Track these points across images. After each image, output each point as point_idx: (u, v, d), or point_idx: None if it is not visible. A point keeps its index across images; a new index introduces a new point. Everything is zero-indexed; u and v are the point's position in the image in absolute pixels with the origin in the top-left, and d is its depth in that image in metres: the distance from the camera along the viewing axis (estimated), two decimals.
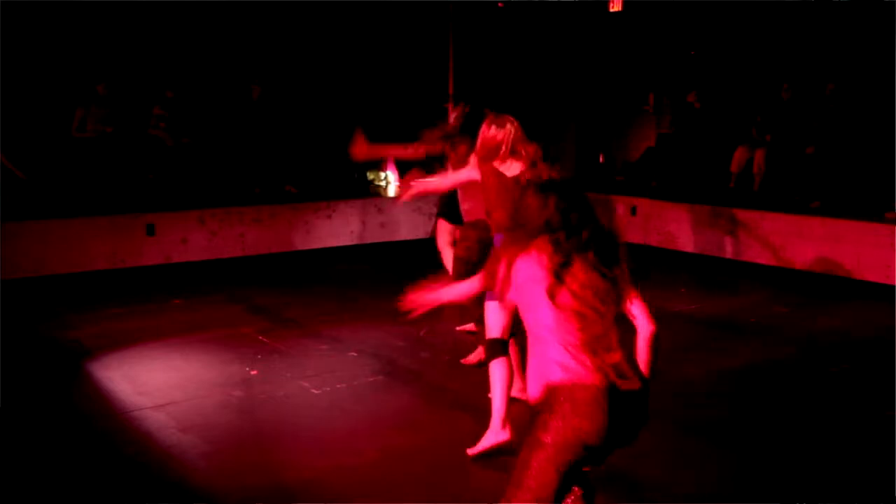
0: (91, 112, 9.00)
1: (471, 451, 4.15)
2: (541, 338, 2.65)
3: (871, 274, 7.70)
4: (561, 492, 2.58)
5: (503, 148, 4.25)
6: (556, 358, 2.59)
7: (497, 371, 4.14)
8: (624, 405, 2.57)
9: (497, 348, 4.17)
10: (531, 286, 2.66)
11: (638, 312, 2.78)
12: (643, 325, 2.80)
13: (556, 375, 2.57)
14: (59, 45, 9.18)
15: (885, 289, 7.45)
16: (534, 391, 2.65)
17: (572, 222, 2.66)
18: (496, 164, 4.27)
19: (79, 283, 7.80)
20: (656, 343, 2.80)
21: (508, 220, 3.98)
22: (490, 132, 4.28)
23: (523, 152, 4.25)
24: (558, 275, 2.61)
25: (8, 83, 8.53)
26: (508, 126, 4.28)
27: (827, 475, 4.01)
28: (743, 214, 8.82)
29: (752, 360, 5.75)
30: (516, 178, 4.18)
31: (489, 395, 4.78)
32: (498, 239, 4.26)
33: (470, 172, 4.47)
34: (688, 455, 4.23)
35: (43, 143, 8.90)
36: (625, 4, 11.31)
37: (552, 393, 2.56)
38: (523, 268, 2.68)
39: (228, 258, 8.82)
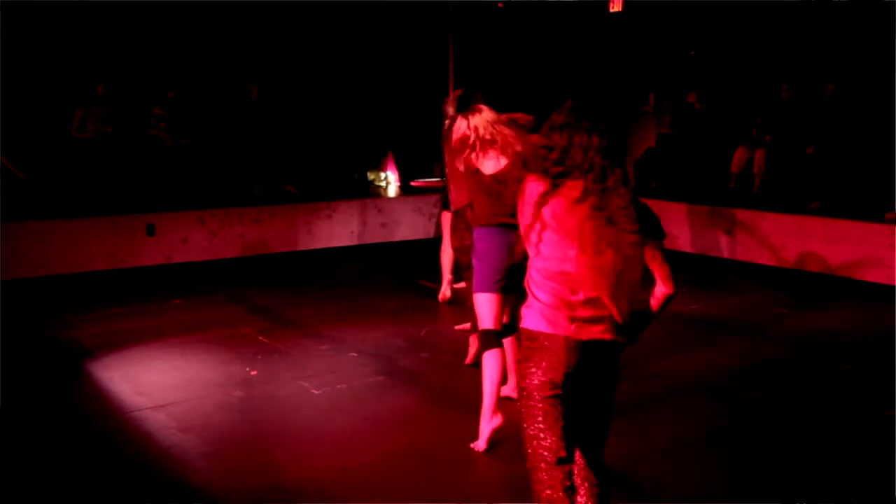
0: (91, 112, 9.00)
1: (477, 446, 4.16)
2: (539, 271, 2.69)
3: (871, 274, 7.70)
4: (566, 428, 2.66)
5: (473, 141, 4.11)
6: (536, 303, 2.69)
7: (489, 361, 4.14)
8: (594, 354, 2.66)
9: (490, 339, 4.17)
10: (554, 219, 2.63)
11: (658, 272, 2.77)
12: (659, 286, 2.80)
13: (530, 321, 2.70)
14: (59, 45, 9.18)
15: (885, 289, 7.45)
16: (521, 327, 2.78)
17: (612, 168, 2.62)
18: (473, 159, 4.16)
19: (79, 283, 7.80)
20: (665, 304, 2.81)
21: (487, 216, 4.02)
22: (458, 127, 4.21)
23: (500, 141, 4.09)
24: (587, 212, 2.60)
25: (8, 83, 8.53)
26: (477, 116, 4.13)
27: (827, 475, 4.01)
28: (743, 214, 8.82)
29: (752, 360, 5.75)
30: (494, 177, 4.12)
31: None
32: (477, 233, 4.24)
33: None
34: (687, 455, 4.23)
35: (43, 143, 8.90)
36: (625, 4, 11.31)
37: (529, 336, 2.71)
38: (551, 203, 2.64)
39: (228, 258, 8.82)
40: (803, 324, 6.71)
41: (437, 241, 7.52)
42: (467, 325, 6.21)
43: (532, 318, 2.71)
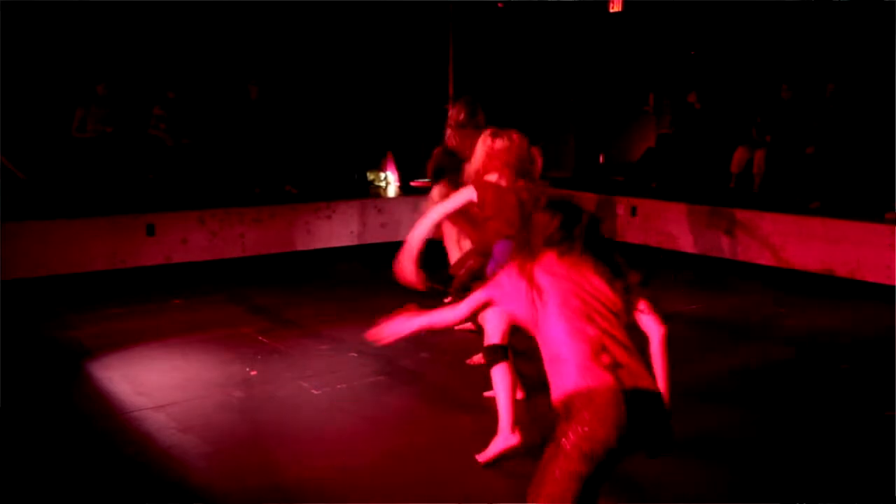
0: (91, 112, 9.00)
1: (481, 458, 4.10)
2: (555, 355, 2.65)
3: (871, 274, 7.70)
4: (583, 500, 2.55)
5: (504, 159, 4.17)
6: (570, 368, 2.59)
7: (499, 376, 4.11)
8: (642, 406, 2.55)
9: (497, 354, 4.14)
10: (540, 293, 2.68)
11: (646, 318, 2.79)
12: (653, 330, 2.80)
13: (571, 383, 2.57)
14: (59, 45, 9.18)
15: (885, 289, 7.45)
16: (554, 400, 2.65)
17: (575, 234, 2.73)
18: (491, 176, 4.19)
19: (79, 283, 7.80)
20: (668, 345, 2.80)
21: (510, 230, 4.01)
22: (495, 144, 4.20)
23: (520, 168, 4.18)
24: (567, 276, 2.68)
25: (8, 83, 8.53)
26: (515, 137, 4.21)
27: (827, 475, 4.01)
28: (743, 214, 8.82)
29: (751, 360, 5.75)
30: (514, 189, 4.14)
31: (485, 395, 4.80)
32: (497, 248, 4.18)
33: (468, 194, 4.23)
34: (687, 455, 4.22)
35: (43, 143, 8.90)
36: (625, 4, 11.31)
37: (570, 400, 2.56)
38: (530, 276, 2.72)
39: (228, 258, 8.82)
40: (803, 324, 6.71)
41: (435, 241, 7.49)
42: (468, 326, 6.21)
43: (571, 376, 2.59)
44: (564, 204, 2.86)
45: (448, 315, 2.98)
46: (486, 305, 2.92)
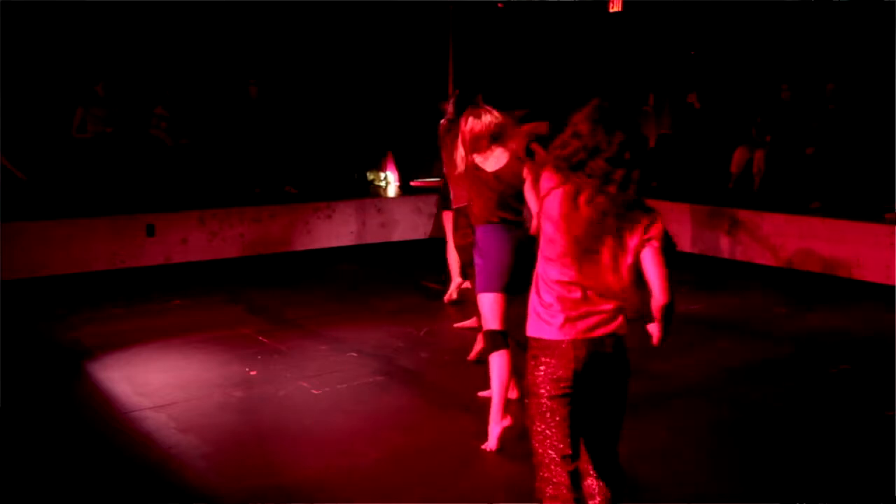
0: (91, 112, 9.01)
1: (488, 447, 4.16)
2: (540, 279, 2.73)
3: (871, 274, 7.70)
4: (572, 428, 2.68)
5: (482, 141, 4.18)
6: (538, 308, 2.72)
7: (496, 362, 4.16)
8: (599, 360, 2.68)
9: (497, 340, 4.17)
10: (555, 219, 2.65)
11: (654, 279, 2.65)
12: (656, 295, 2.70)
13: (533, 329, 2.74)
14: (59, 45, 9.18)
15: (885, 289, 7.45)
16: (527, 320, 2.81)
17: (625, 158, 2.63)
18: (476, 157, 4.21)
19: (79, 284, 7.80)
20: (667, 314, 2.70)
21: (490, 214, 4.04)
22: (468, 125, 4.22)
23: (510, 144, 4.20)
24: (584, 214, 2.61)
25: (8, 83, 8.53)
26: (487, 117, 4.19)
27: (827, 475, 4.01)
28: (743, 214, 8.82)
29: (752, 360, 5.75)
30: (496, 174, 4.16)
31: (479, 395, 4.81)
32: (480, 232, 4.25)
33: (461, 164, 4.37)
34: (688, 455, 4.23)
35: (43, 144, 8.90)
36: (625, 4, 11.32)
37: (533, 342, 2.74)
38: (555, 199, 2.66)
39: (228, 258, 8.82)
40: (803, 324, 6.71)
41: (435, 240, 7.52)
42: (467, 324, 6.22)
43: (535, 324, 2.73)
44: (616, 119, 2.66)
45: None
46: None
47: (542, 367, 2.69)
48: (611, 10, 11.47)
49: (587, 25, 11.81)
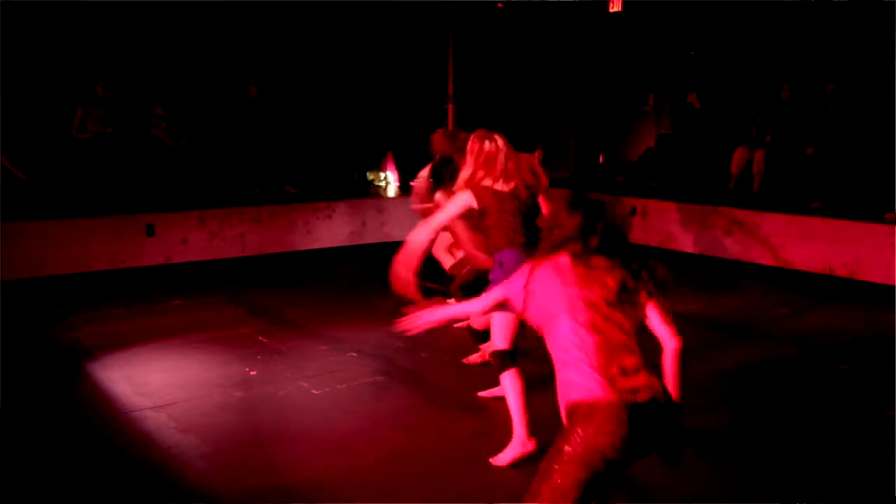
0: (91, 112, 9.01)
1: (497, 462, 4.08)
2: (562, 361, 2.66)
3: (871, 274, 7.69)
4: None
5: (502, 160, 4.10)
6: (576, 377, 2.61)
7: (508, 383, 4.11)
8: (648, 419, 2.57)
9: (505, 360, 4.14)
10: (551, 298, 2.68)
11: (661, 328, 2.74)
12: (667, 342, 2.75)
13: (576, 394, 2.61)
14: (59, 45, 9.18)
15: (885, 289, 7.45)
16: (559, 405, 2.69)
17: (591, 245, 2.70)
18: (489, 182, 4.11)
19: (79, 284, 7.80)
20: (682, 359, 2.75)
21: (518, 236, 4.01)
22: (487, 146, 4.12)
23: (514, 169, 4.16)
24: (578, 283, 2.65)
25: (8, 83, 8.53)
26: (500, 140, 4.15)
27: (827, 475, 4.01)
28: (743, 215, 8.82)
29: (752, 361, 5.75)
30: (512, 193, 4.11)
31: (480, 395, 4.81)
32: (505, 255, 4.08)
33: (465, 199, 4.12)
34: (688, 456, 4.21)
35: (43, 144, 8.90)
36: (625, 4, 11.32)
37: (573, 409, 2.61)
38: (544, 279, 2.71)
39: (228, 258, 8.82)
40: (803, 324, 6.71)
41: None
42: (464, 324, 6.21)
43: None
44: (587, 202, 2.80)
45: (471, 306, 3.13)
46: (502, 304, 2.92)
47: (582, 437, 2.56)
48: (611, 10, 11.47)
49: (587, 25, 11.81)
